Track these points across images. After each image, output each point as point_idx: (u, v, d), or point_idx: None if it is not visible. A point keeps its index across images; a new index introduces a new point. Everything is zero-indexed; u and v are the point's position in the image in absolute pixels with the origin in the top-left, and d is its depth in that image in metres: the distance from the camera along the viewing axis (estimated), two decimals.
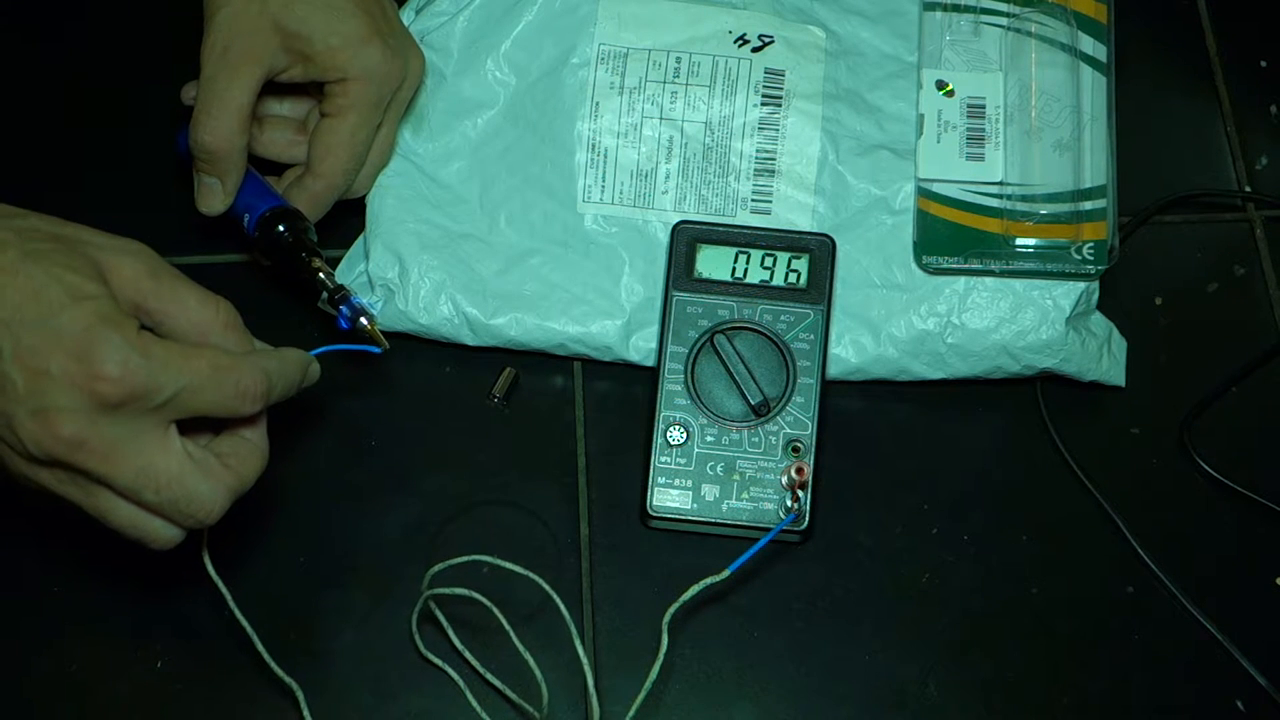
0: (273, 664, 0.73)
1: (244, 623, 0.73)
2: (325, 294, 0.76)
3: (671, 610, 0.72)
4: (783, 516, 0.77)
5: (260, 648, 0.73)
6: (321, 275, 0.77)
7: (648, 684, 0.72)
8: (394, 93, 0.79)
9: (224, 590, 0.73)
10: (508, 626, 0.73)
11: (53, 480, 0.64)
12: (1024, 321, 0.80)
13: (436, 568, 0.73)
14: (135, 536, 0.65)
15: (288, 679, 0.73)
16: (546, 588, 0.73)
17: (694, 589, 0.72)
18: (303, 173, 0.80)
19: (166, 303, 0.65)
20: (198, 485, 0.64)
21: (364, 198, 0.82)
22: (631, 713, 0.73)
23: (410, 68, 0.79)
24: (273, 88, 0.78)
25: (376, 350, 0.76)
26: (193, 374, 0.63)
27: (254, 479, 0.68)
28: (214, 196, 0.78)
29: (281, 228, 0.77)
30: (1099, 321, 0.83)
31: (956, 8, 0.84)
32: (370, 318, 0.76)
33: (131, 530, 0.65)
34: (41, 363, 0.60)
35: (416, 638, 0.76)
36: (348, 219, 0.83)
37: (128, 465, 0.62)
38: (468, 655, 0.76)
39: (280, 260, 0.78)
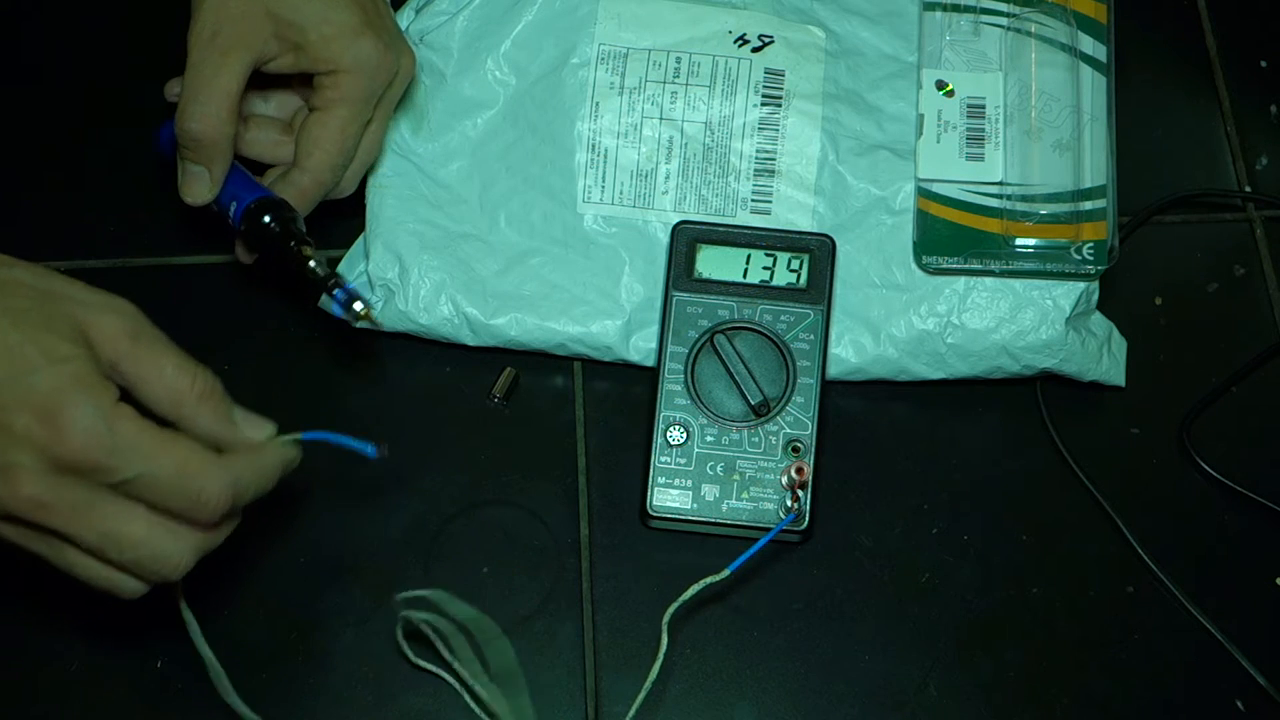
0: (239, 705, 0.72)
1: (208, 655, 0.73)
2: (317, 281, 0.73)
3: (671, 609, 0.72)
4: (783, 516, 0.77)
5: (226, 684, 0.72)
6: (312, 264, 0.74)
7: (648, 684, 0.72)
8: (385, 88, 0.77)
9: (192, 623, 0.72)
10: (451, 657, 0.72)
11: (15, 534, 0.63)
12: (1024, 321, 0.80)
13: (402, 595, 0.72)
14: (103, 589, 0.65)
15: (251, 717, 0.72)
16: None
17: (694, 588, 0.72)
18: (289, 168, 0.77)
19: (143, 366, 0.63)
20: (164, 546, 0.63)
21: (362, 198, 0.82)
22: (632, 712, 0.73)
23: (402, 64, 0.77)
24: (258, 81, 0.76)
25: (370, 454, 0.69)
26: (155, 467, 0.61)
27: (223, 538, 0.66)
28: (200, 185, 0.75)
29: (267, 218, 0.74)
30: (1099, 321, 0.83)
31: (956, 8, 0.84)
32: (365, 303, 0.73)
33: (98, 584, 0.64)
34: (6, 419, 0.59)
35: (404, 648, 0.75)
36: (348, 219, 0.83)
37: (91, 528, 0.61)
38: (458, 667, 0.75)
39: (268, 251, 0.75)
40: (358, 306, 0.72)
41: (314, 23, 0.74)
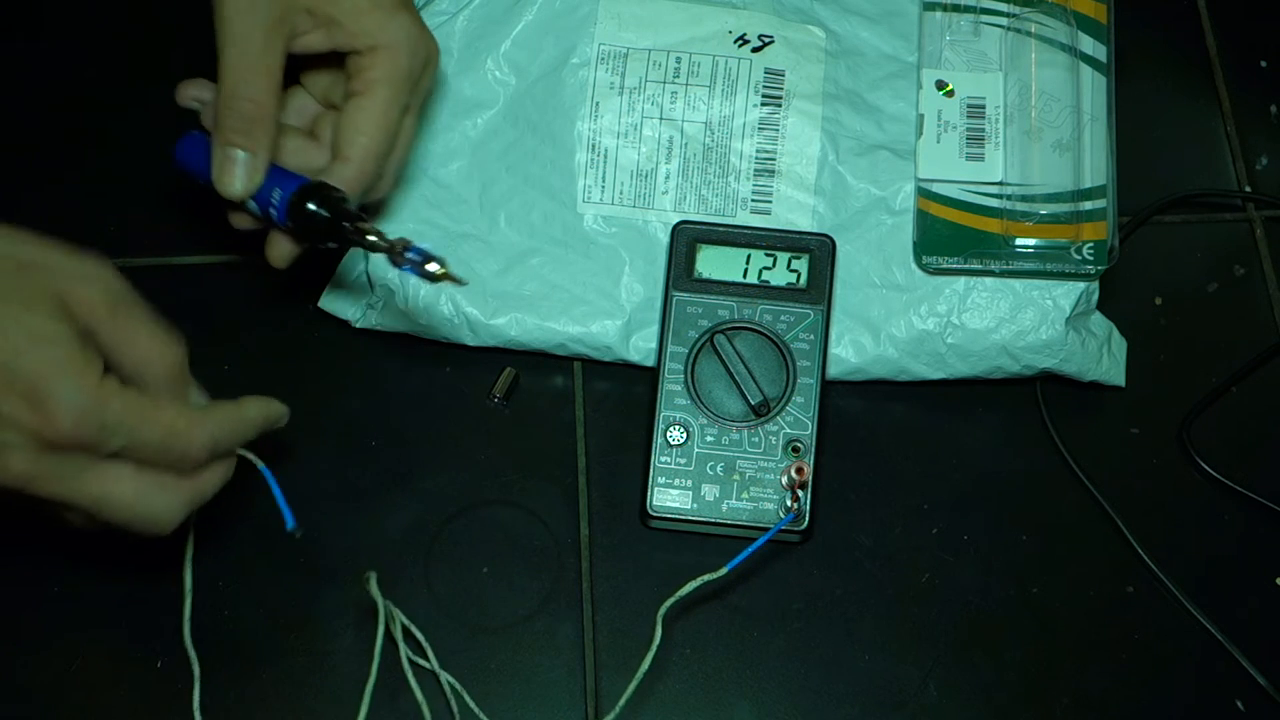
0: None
1: (190, 650, 0.73)
2: (384, 252, 0.69)
3: (667, 604, 0.72)
4: (783, 516, 0.77)
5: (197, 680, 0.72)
6: (372, 238, 0.69)
7: (639, 674, 0.72)
8: (422, 71, 0.73)
9: (187, 602, 0.73)
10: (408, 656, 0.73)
11: (14, 499, 0.63)
12: (1024, 321, 0.80)
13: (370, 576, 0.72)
14: (99, 533, 0.66)
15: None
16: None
17: (691, 584, 0.72)
18: (328, 163, 0.73)
19: (117, 336, 0.63)
20: (152, 504, 0.64)
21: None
22: (622, 701, 0.73)
23: (432, 49, 0.74)
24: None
25: (289, 524, 0.68)
26: (145, 434, 0.62)
27: (214, 490, 0.67)
28: (245, 172, 0.70)
29: (314, 204, 0.70)
30: (1099, 321, 0.83)
31: (956, 8, 0.84)
32: (440, 260, 0.68)
33: (94, 531, 0.66)
34: None
35: (402, 647, 0.75)
36: None
37: (82, 494, 0.63)
38: (445, 676, 0.75)
39: (321, 239, 0.71)
40: (433, 267, 0.68)
41: None
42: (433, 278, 0.68)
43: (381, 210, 0.82)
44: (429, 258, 0.68)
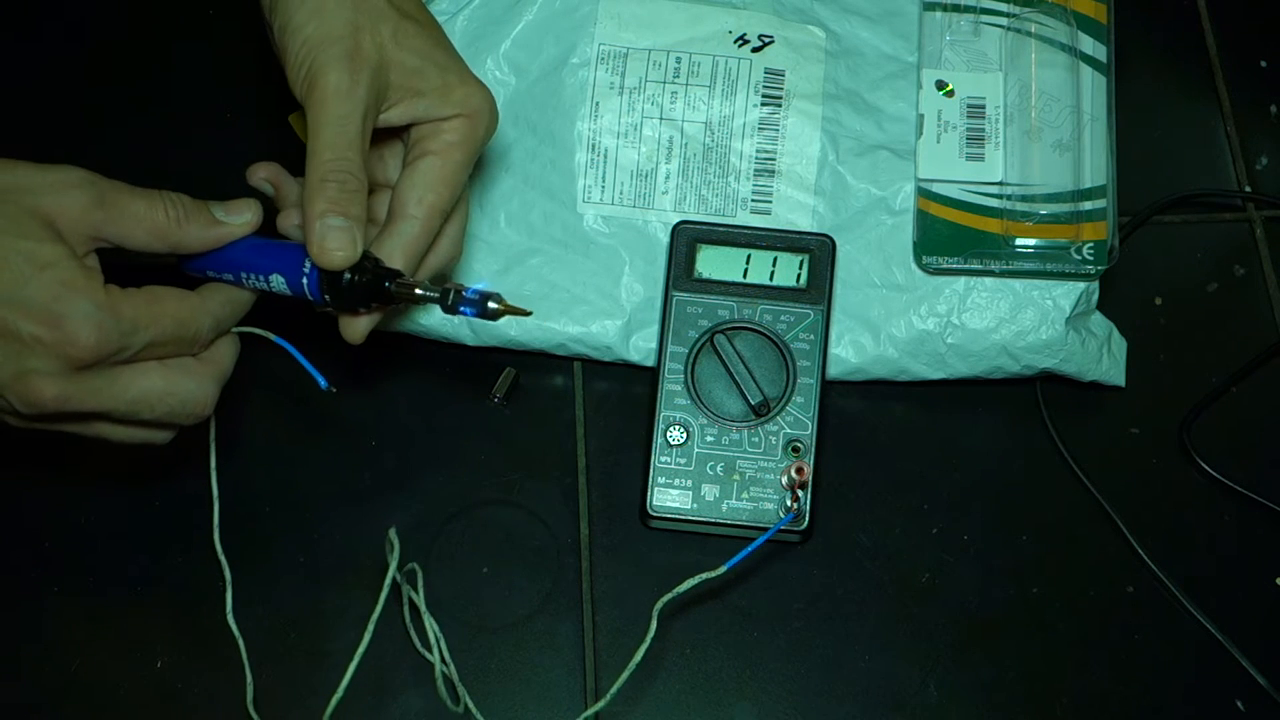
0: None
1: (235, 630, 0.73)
2: (438, 303, 0.68)
3: (664, 599, 0.72)
4: (783, 516, 0.77)
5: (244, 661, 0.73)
6: (419, 291, 0.67)
7: (632, 664, 0.72)
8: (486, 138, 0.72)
9: (228, 574, 0.73)
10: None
11: (49, 425, 0.66)
12: (1024, 321, 0.80)
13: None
14: (138, 444, 0.69)
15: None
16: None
17: (689, 582, 0.72)
18: (387, 222, 0.71)
19: (120, 225, 0.65)
20: (185, 388, 0.67)
21: None
22: (615, 689, 0.73)
23: (496, 115, 0.73)
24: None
25: (322, 385, 0.69)
26: (159, 330, 0.65)
27: (233, 364, 0.70)
28: (349, 239, 0.67)
29: (348, 274, 0.67)
30: (1099, 321, 0.83)
31: (956, 8, 0.84)
32: (496, 297, 0.67)
33: (134, 442, 0.68)
34: (13, 330, 0.62)
35: (412, 635, 0.76)
36: None
37: (117, 400, 0.65)
38: (452, 671, 0.75)
39: (365, 302, 0.68)
40: (493, 305, 0.67)
41: (434, 68, 0.70)
42: (495, 315, 0.67)
43: None
44: (486, 295, 0.67)
